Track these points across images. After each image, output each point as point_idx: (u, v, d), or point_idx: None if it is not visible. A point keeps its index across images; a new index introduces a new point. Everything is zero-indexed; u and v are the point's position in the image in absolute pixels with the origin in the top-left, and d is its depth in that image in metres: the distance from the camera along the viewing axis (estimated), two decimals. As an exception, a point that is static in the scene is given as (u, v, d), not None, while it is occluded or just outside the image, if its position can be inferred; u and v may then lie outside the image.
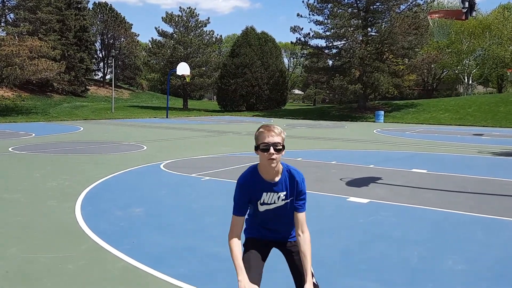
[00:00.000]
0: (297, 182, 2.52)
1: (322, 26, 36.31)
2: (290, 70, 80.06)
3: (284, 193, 2.51)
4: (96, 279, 3.52)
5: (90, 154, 11.12)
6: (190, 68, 33.99)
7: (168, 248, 4.32)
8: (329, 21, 35.64)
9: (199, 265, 3.86)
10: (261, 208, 2.53)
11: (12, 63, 24.59)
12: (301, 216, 2.57)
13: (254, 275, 2.42)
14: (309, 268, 2.45)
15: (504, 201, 6.61)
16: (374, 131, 22.33)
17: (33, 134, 16.19)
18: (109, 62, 53.14)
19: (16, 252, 4.09)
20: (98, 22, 52.39)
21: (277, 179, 2.49)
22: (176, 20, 43.54)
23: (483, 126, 27.53)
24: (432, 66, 43.75)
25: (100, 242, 4.41)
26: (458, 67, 48.55)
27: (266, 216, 2.56)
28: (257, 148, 2.45)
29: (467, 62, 47.67)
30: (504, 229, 5.16)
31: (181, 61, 34.25)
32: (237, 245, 2.45)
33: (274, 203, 2.52)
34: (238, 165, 9.73)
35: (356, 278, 3.63)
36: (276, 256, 2.73)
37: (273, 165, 2.42)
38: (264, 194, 2.50)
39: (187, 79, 34.39)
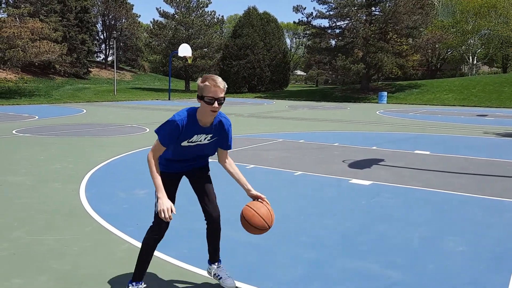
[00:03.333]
0: (224, 127, 2.89)
1: (326, 6, 35.84)
2: (292, 51, 79.40)
3: (211, 135, 2.87)
4: (101, 261, 3.57)
5: (93, 136, 11.16)
6: (192, 50, 33.76)
7: (172, 229, 4.35)
8: (332, 0, 35.15)
9: (203, 247, 3.90)
10: (184, 144, 2.83)
11: (14, 45, 24.47)
12: (226, 152, 3.03)
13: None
14: (245, 180, 2.97)
15: (507, 183, 6.61)
16: (377, 112, 22.25)
17: (36, 117, 16.22)
18: (110, 43, 52.78)
19: (21, 234, 4.14)
20: (99, 3, 51.84)
21: (209, 125, 2.81)
22: (178, 0, 43.05)
23: (488, 107, 27.38)
24: (437, 46, 43.26)
25: (105, 224, 4.46)
26: (463, 47, 48.01)
27: (186, 151, 2.87)
28: (201, 98, 2.68)
29: (472, 42, 47.11)
30: (506, 210, 5.18)
31: (183, 43, 33.99)
32: (156, 165, 2.78)
33: (200, 141, 2.86)
34: (240, 147, 9.74)
35: (357, 259, 3.67)
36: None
37: (213, 116, 2.74)
38: (196, 135, 2.81)
39: (189, 61, 34.17)
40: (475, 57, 49.62)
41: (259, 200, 2.88)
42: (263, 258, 3.67)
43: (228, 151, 3.06)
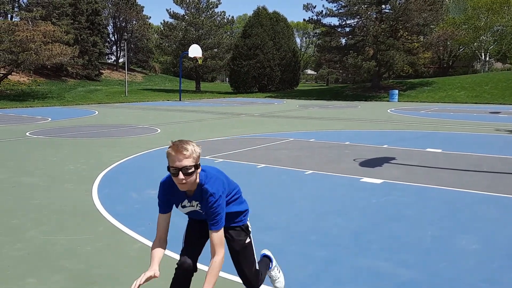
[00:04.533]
0: (206, 200, 2.36)
1: (335, 4, 35.68)
2: (302, 50, 79.21)
3: (198, 203, 2.46)
4: (113, 260, 3.61)
5: (105, 137, 11.26)
6: (202, 50, 33.87)
7: (183, 229, 4.39)
8: (342, -2, 34.99)
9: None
10: (183, 210, 2.57)
11: (27, 48, 24.80)
12: (214, 236, 2.38)
13: (190, 250, 2.64)
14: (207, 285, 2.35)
15: (520, 180, 6.53)
16: (388, 110, 22.09)
17: (49, 119, 16.42)
18: (121, 45, 53.19)
19: (35, 234, 4.20)
20: (109, 5, 52.26)
21: (191, 193, 2.43)
22: (187, 1, 43.22)
23: (501, 104, 27.02)
24: (448, 43, 42.83)
25: (117, 224, 4.51)
26: (475, 44, 47.41)
27: (191, 215, 2.62)
28: (168, 169, 2.29)
29: (484, 38, 46.50)
30: (519, 208, 5.11)
31: (193, 43, 34.12)
32: (156, 245, 2.52)
33: (194, 207, 2.52)
34: (251, 146, 9.76)
35: (369, 258, 3.66)
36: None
37: (185, 188, 2.31)
38: (185, 200, 2.49)
39: (199, 61, 34.29)
40: (488, 53, 48.96)
41: None
42: (274, 257, 3.67)
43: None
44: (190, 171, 2.24)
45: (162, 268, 3.48)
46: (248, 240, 2.62)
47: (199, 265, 3.53)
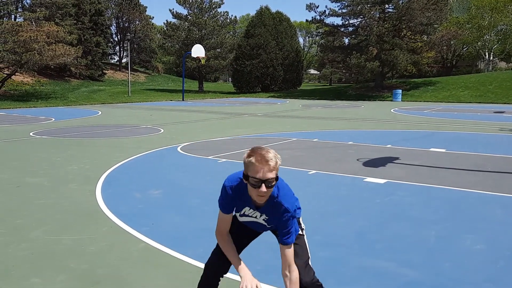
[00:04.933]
0: (280, 216, 2.22)
1: (338, 3, 35.63)
2: (305, 49, 79.13)
3: (267, 217, 2.31)
4: (117, 260, 3.62)
5: (108, 137, 11.29)
6: (205, 50, 33.89)
7: (187, 229, 4.40)
8: (345, -3, 34.94)
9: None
10: (240, 219, 2.42)
11: (31, 48, 24.88)
12: (288, 252, 2.26)
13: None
14: None
15: (525, 180, 6.50)
16: (392, 110, 22.04)
17: (53, 119, 16.47)
18: (124, 45, 53.27)
19: (39, 234, 4.22)
20: (112, 6, 52.37)
21: (261, 204, 2.26)
22: (190, 1, 43.25)
23: (505, 103, 26.91)
24: (452, 42, 42.63)
25: (121, 224, 4.51)
26: (479, 43, 47.22)
27: (247, 224, 2.46)
28: (246, 177, 2.12)
29: (488, 37, 46.30)
30: (524, 208, 5.09)
31: (196, 43, 34.14)
32: (225, 241, 2.36)
33: (255, 218, 2.36)
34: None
35: (373, 257, 3.65)
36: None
37: (262, 200, 2.16)
38: (247, 208, 2.32)
39: (202, 61, 34.30)
40: (492, 53, 48.76)
41: None
42: (278, 257, 3.66)
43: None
44: (272, 183, 2.10)
45: (164, 269, 3.49)
46: (300, 232, 2.47)
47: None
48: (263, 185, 2.06)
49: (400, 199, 5.48)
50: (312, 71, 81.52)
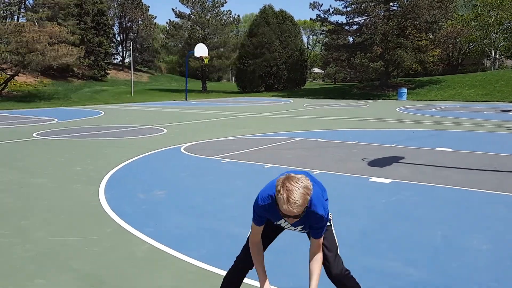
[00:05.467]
0: (314, 221, 2.36)
1: (343, 2, 35.52)
2: (309, 48, 78.99)
3: (302, 226, 2.44)
4: (121, 261, 3.60)
5: (111, 138, 11.28)
6: (208, 50, 33.86)
7: (190, 229, 4.38)
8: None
9: (221, 246, 3.90)
10: (277, 224, 2.53)
11: (34, 49, 24.94)
12: (316, 243, 2.46)
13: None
14: (315, 282, 2.41)
15: (532, 179, 6.43)
16: (397, 109, 21.96)
17: (56, 120, 16.49)
18: (127, 45, 53.35)
19: (44, 235, 4.20)
20: (115, 5, 52.44)
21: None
22: (193, 0, 43.24)
23: (511, 102, 26.74)
24: (457, 40, 42.42)
25: (124, 224, 4.49)
26: (485, 41, 46.97)
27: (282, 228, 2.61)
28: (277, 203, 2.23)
29: (494, 35, 46.05)
30: (531, 207, 5.03)
31: (199, 43, 34.13)
32: (255, 252, 2.49)
33: (290, 229, 2.52)
34: (257, 146, 9.72)
35: (377, 257, 3.61)
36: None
37: (292, 222, 2.29)
38: (282, 220, 2.42)
39: (205, 61, 34.28)
40: (498, 51, 48.49)
41: None
42: (282, 257, 3.64)
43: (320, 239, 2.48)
44: (300, 215, 2.21)
45: (168, 269, 3.46)
46: (328, 223, 2.54)
47: (219, 271, 3.50)
48: (291, 218, 2.20)
49: (405, 198, 5.43)
50: (316, 70, 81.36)
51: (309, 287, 2.41)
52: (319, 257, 2.44)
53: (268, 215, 2.40)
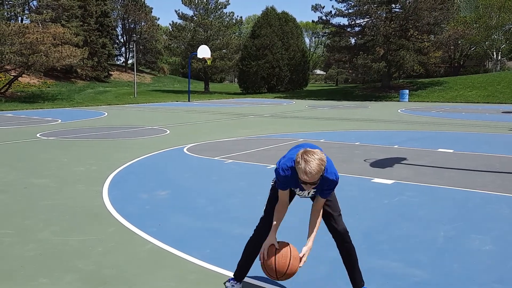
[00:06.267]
0: (327, 184, 2.72)
1: (344, 4, 35.56)
2: (311, 50, 79.03)
3: (315, 191, 2.79)
4: (124, 261, 3.62)
5: (114, 139, 11.32)
6: (211, 51, 33.92)
7: (193, 230, 4.40)
8: (351, -2, 34.86)
9: (224, 246, 3.91)
10: (297, 194, 2.91)
11: (37, 50, 25.03)
12: (320, 201, 2.84)
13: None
14: (313, 236, 2.81)
15: (534, 180, 6.43)
16: (399, 110, 21.94)
17: (59, 120, 16.55)
18: (130, 47, 53.49)
19: (47, 235, 4.22)
20: (118, 7, 52.61)
21: None
22: (196, 2, 43.32)
23: (513, 103, 26.69)
24: (459, 42, 42.41)
25: (127, 224, 4.51)
26: (487, 43, 46.89)
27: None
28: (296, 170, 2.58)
29: (496, 37, 45.97)
30: (534, 208, 5.03)
31: (202, 44, 34.19)
32: (280, 211, 2.84)
33: (305, 195, 2.88)
34: (260, 147, 9.74)
35: (381, 258, 3.62)
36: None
37: (309, 189, 2.64)
38: (298, 189, 2.80)
39: (208, 62, 34.36)
40: (500, 52, 48.42)
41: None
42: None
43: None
44: (316, 183, 2.58)
45: (171, 269, 3.48)
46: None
47: (223, 271, 3.52)
48: (308, 185, 2.55)
49: (408, 199, 5.44)
50: (318, 72, 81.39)
51: (308, 237, 2.80)
52: (320, 214, 2.85)
53: (288, 183, 2.74)
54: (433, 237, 4.11)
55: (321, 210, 2.86)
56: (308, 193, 2.81)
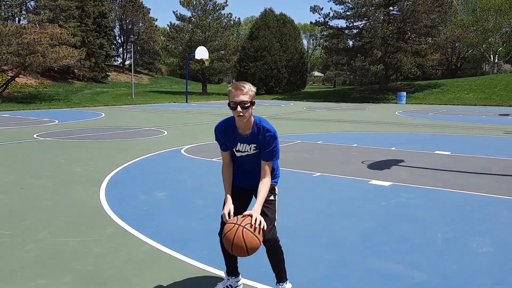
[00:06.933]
0: (263, 136, 2.73)
1: (343, 6, 35.64)
2: (309, 51, 79.16)
3: (255, 145, 2.78)
4: (122, 262, 3.61)
5: (112, 139, 11.30)
6: (209, 52, 33.93)
7: (191, 231, 4.39)
8: (349, 0, 34.94)
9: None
10: (237, 154, 2.87)
11: (35, 50, 24.97)
12: (267, 165, 2.81)
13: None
14: (259, 201, 2.71)
15: (531, 183, 6.45)
16: (396, 112, 21.99)
17: (56, 121, 16.51)
18: (128, 47, 53.44)
19: (45, 236, 4.21)
20: (116, 8, 52.55)
21: (248, 132, 2.76)
22: (194, 3, 43.35)
23: (510, 106, 26.81)
24: (456, 44, 42.57)
25: (125, 226, 4.51)
26: (484, 45, 47.10)
27: (243, 160, 2.89)
28: (228, 104, 2.68)
29: (492, 40, 46.19)
30: (531, 211, 5.05)
31: (200, 45, 34.19)
32: (225, 173, 2.89)
33: (247, 151, 2.82)
34: (258, 148, 9.73)
35: (379, 259, 3.63)
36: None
37: (243, 120, 2.68)
38: (239, 143, 2.81)
39: (206, 63, 34.37)
40: (497, 55, 48.63)
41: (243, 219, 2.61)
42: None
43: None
44: (246, 105, 2.63)
45: (168, 271, 3.47)
46: (272, 197, 2.88)
47: (220, 272, 3.52)
48: (239, 106, 2.60)
49: (405, 201, 5.45)
50: (316, 73, 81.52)
51: (256, 204, 2.70)
52: (267, 181, 2.78)
53: (224, 138, 2.81)
54: (431, 239, 4.11)
55: (269, 178, 2.80)
56: (249, 145, 2.77)
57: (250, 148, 2.80)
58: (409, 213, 4.95)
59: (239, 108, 2.62)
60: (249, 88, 2.65)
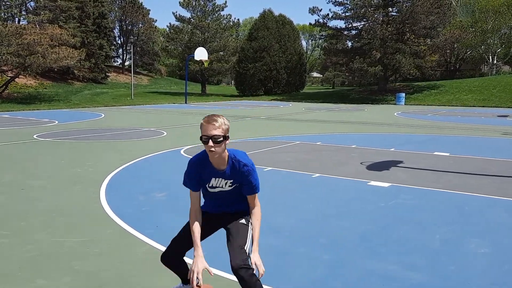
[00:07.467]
0: (240, 172, 2.61)
1: (342, 7, 35.70)
2: (308, 52, 79.22)
3: (231, 181, 2.66)
4: (121, 262, 3.62)
5: (112, 140, 11.31)
6: (208, 53, 33.94)
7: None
8: (348, 1, 34.99)
9: (220, 248, 3.92)
10: (210, 190, 2.75)
11: (35, 51, 24.97)
12: (250, 198, 2.71)
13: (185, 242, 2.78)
14: (256, 238, 2.61)
15: (529, 184, 6.47)
16: (395, 113, 22.02)
17: (56, 122, 16.51)
18: (127, 48, 53.43)
19: (44, 236, 4.22)
20: (116, 8, 52.56)
21: (223, 167, 2.63)
22: (193, 4, 43.38)
23: (508, 107, 26.84)
24: (455, 46, 42.60)
25: (125, 226, 4.52)
26: (482, 47, 47.16)
27: (216, 196, 2.78)
28: (201, 138, 2.54)
29: (491, 41, 46.25)
30: (529, 212, 5.07)
31: (199, 46, 34.21)
32: (194, 219, 2.73)
33: (222, 187, 2.70)
34: (256, 150, 9.76)
35: (377, 260, 3.64)
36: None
37: (215, 156, 2.54)
38: (213, 179, 2.68)
39: (205, 64, 34.36)
40: (495, 56, 48.69)
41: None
42: (282, 260, 3.67)
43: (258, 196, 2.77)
44: (219, 140, 2.49)
45: (168, 271, 3.48)
46: (245, 222, 2.73)
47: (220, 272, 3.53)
48: (210, 140, 2.47)
49: (404, 202, 5.47)
50: (315, 74, 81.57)
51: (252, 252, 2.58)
52: (257, 211, 2.71)
53: (197, 174, 2.67)
54: (429, 240, 4.13)
55: (258, 207, 2.73)
56: (225, 181, 2.64)
57: (225, 184, 2.68)
58: (408, 214, 4.97)
59: (210, 143, 2.48)
60: (222, 122, 2.52)
